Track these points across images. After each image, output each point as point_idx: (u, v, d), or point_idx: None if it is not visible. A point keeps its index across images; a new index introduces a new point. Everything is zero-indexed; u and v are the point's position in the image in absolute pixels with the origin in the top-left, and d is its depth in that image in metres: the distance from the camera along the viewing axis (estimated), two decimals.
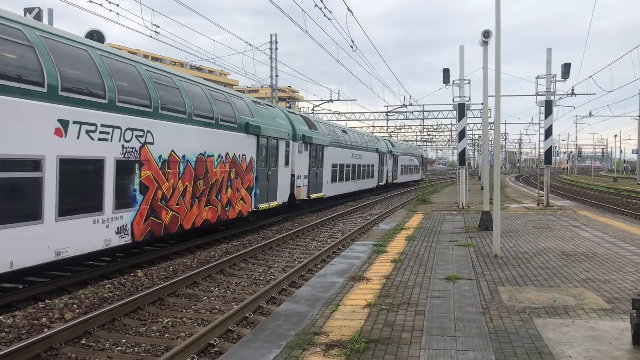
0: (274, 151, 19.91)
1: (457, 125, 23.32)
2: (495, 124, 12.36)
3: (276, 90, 37.93)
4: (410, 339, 5.86)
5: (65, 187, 9.74)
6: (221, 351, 6.88)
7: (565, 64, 22.16)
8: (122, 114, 11.29)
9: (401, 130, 77.40)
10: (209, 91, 15.57)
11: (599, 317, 6.62)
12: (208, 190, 15.05)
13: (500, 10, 11.27)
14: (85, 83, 10.36)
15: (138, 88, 11.99)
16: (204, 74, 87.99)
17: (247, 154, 17.48)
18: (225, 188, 16.12)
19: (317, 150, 25.70)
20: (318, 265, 12.78)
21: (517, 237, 13.81)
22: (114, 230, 11.21)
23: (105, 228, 10.94)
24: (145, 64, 13.24)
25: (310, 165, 24.61)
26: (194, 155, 14.18)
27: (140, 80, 12.10)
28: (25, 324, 7.78)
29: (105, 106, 10.79)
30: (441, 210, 22.57)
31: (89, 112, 10.31)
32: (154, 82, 12.66)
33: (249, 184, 17.79)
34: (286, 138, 21.00)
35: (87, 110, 10.26)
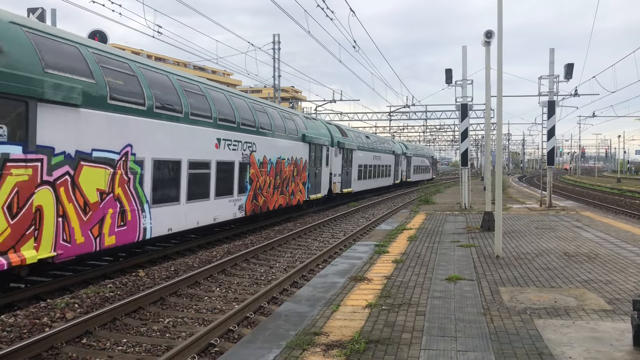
0: (319, 155, 25.43)
1: (459, 125, 23.30)
2: (497, 125, 12.34)
3: (279, 90, 37.95)
4: (411, 340, 5.86)
5: (218, 179, 15.36)
6: (221, 351, 6.89)
7: (568, 65, 22.13)
8: (242, 132, 16.99)
9: (404, 131, 77.31)
10: (282, 112, 21.76)
11: (600, 318, 6.61)
12: (281, 183, 20.73)
13: (502, 10, 11.26)
14: (227, 115, 16.01)
15: (249, 115, 17.79)
16: (207, 74, 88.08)
17: (303, 157, 23.21)
18: (291, 182, 21.76)
19: (348, 153, 30.98)
20: (319, 265, 12.78)
21: (519, 237, 13.78)
22: (238, 207, 16.87)
23: (233, 205, 16.57)
24: (251, 98, 19.43)
25: (342, 166, 29.89)
26: (275, 159, 19.92)
27: (249, 110, 17.98)
28: (26, 323, 7.80)
29: (235, 129, 16.44)
30: (443, 210, 22.55)
31: (228, 132, 15.93)
32: (256, 110, 18.60)
33: (304, 180, 23.44)
34: (327, 144, 26.47)
35: (227, 132, 15.88)
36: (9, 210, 8.40)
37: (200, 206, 14.34)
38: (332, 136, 27.92)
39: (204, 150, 14.48)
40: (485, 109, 17.07)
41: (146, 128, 11.92)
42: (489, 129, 17.49)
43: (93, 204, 10.36)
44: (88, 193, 10.24)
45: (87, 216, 10.20)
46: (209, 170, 14.78)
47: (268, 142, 19.16)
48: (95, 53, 10.93)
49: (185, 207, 13.60)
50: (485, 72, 14.77)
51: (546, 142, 22.70)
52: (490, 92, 14.74)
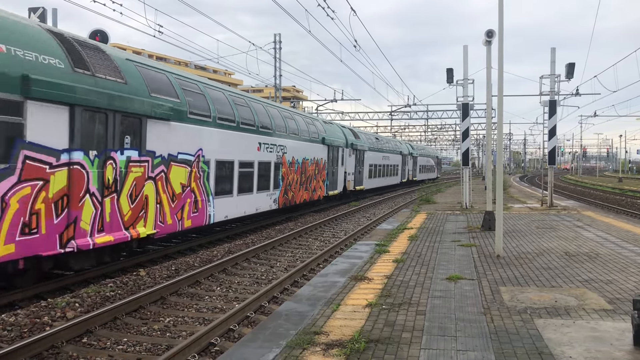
0: (336, 155, 28.35)
1: (461, 125, 23.28)
2: (498, 124, 12.33)
3: (280, 90, 37.95)
4: (411, 339, 5.86)
5: (259, 176, 18.29)
6: (222, 350, 6.90)
7: (569, 64, 22.09)
8: (276, 137, 19.99)
9: (405, 130, 77.21)
10: (305, 119, 24.99)
11: (600, 317, 6.60)
12: (306, 181, 23.68)
13: (503, 10, 11.25)
14: (265, 123, 18.97)
15: (281, 122, 20.83)
16: (209, 74, 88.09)
17: (323, 158, 26.24)
18: (313, 180, 24.78)
19: (360, 154, 33.72)
20: (320, 264, 12.78)
21: (520, 237, 13.77)
22: (272, 200, 19.86)
23: (270, 199, 19.53)
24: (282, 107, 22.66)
25: (355, 165, 32.62)
26: (301, 159, 22.86)
27: (281, 118, 21.00)
28: (27, 323, 7.81)
29: (271, 134, 19.48)
30: (444, 210, 22.54)
31: (266, 137, 18.98)
32: (286, 118, 21.67)
33: (323, 178, 26.44)
34: (342, 146, 29.37)
35: (266, 137, 18.91)
36: (130, 198, 11.45)
37: (246, 198, 17.50)
38: (346, 138, 30.67)
39: (249, 153, 17.59)
40: (486, 108, 17.05)
41: (211, 135, 14.85)
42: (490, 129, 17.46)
43: (178, 194, 13.31)
44: (175, 186, 13.19)
45: (174, 204, 13.17)
46: (252, 169, 17.87)
47: (296, 145, 22.22)
48: (177, 78, 13.91)
49: (236, 198, 16.74)
50: (486, 72, 14.77)
51: (547, 141, 22.68)
52: (491, 92, 14.73)
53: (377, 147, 38.97)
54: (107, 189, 10.75)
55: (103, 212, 10.62)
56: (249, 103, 18.16)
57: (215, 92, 15.80)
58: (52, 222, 9.44)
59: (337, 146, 28.44)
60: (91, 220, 10.33)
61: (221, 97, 15.99)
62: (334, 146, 27.72)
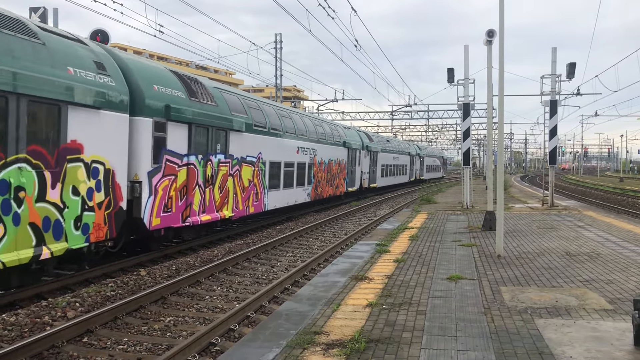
0: (354, 156, 32.15)
1: (461, 125, 23.27)
2: (499, 124, 12.32)
3: (281, 89, 37.95)
4: (411, 339, 5.85)
5: (297, 174, 22.06)
6: (222, 350, 6.89)
7: (570, 64, 22.06)
8: (310, 142, 23.86)
9: (406, 130, 77.18)
10: (330, 125, 29.17)
11: (601, 317, 6.60)
12: (331, 178, 27.64)
13: (503, 10, 11.24)
14: (301, 130, 22.89)
15: (313, 129, 24.77)
16: (210, 74, 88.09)
17: (344, 159, 30.08)
18: (336, 178, 28.69)
19: (374, 155, 37.46)
20: (321, 264, 12.78)
21: (521, 237, 13.76)
22: (307, 194, 23.77)
23: (305, 193, 23.44)
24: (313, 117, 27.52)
25: (370, 165, 36.52)
26: (327, 160, 26.74)
27: (312, 125, 25.05)
28: (27, 322, 7.82)
29: (306, 139, 23.31)
30: (445, 210, 22.53)
31: (303, 142, 22.76)
32: (316, 125, 25.79)
33: (344, 176, 30.39)
34: (359, 148, 33.22)
35: (302, 142, 22.69)
36: (219, 189, 15.36)
37: (289, 192, 21.40)
38: (362, 141, 34.54)
39: (291, 155, 21.39)
40: (487, 108, 17.01)
41: (266, 142, 18.74)
42: (491, 129, 17.41)
43: (246, 187, 17.22)
44: (244, 181, 17.08)
45: (243, 194, 17.06)
46: (293, 169, 21.64)
47: (323, 148, 26.07)
48: (244, 98, 17.98)
49: (282, 192, 20.65)
50: (487, 72, 14.76)
51: (548, 141, 22.66)
52: (492, 92, 14.73)
53: (388, 149, 42.62)
54: (207, 182, 14.61)
55: (205, 199, 14.52)
56: (290, 114, 22.29)
57: (268, 107, 20.01)
58: (178, 204, 13.27)
59: (355, 148, 32.17)
60: (199, 204, 14.19)
61: (272, 111, 20.16)
62: (352, 148, 31.44)
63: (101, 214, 10.67)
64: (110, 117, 10.81)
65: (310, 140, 23.78)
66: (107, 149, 10.80)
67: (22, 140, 8.75)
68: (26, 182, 8.84)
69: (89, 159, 10.29)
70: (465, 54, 21.41)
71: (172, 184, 12.91)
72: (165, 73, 13.45)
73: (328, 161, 26.83)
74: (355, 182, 32.64)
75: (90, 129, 10.30)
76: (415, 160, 56.56)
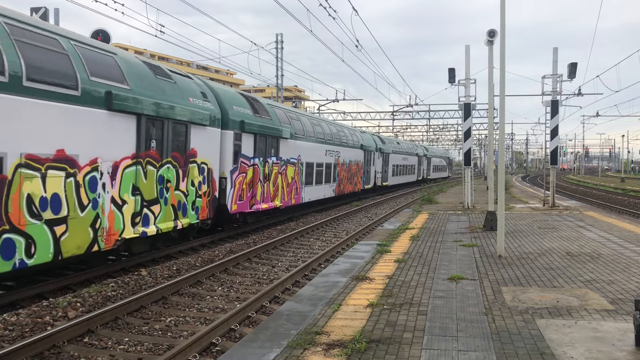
0: (369, 158, 36.11)
1: (462, 125, 23.25)
2: (500, 124, 12.31)
3: (282, 89, 37.95)
4: (412, 339, 5.85)
5: (325, 173, 25.74)
6: (223, 350, 6.89)
7: (571, 64, 22.03)
8: (334, 145, 27.64)
9: (407, 130, 77.14)
10: (349, 130, 33.19)
11: (602, 318, 6.59)
12: (350, 177, 31.43)
13: (505, 10, 11.23)
14: (327, 135, 26.59)
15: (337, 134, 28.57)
16: (211, 74, 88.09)
17: (360, 160, 33.84)
18: (354, 176, 32.41)
19: (385, 156, 41.35)
20: (322, 264, 12.78)
21: (522, 237, 13.75)
22: (332, 190, 27.49)
23: (330, 189, 27.25)
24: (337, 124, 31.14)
25: (382, 165, 40.36)
26: (347, 161, 30.53)
27: (336, 131, 28.97)
28: (28, 322, 7.82)
29: (332, 143, 27.01)
30: (446, 210, 22.51)
31: (329, 146, 26.40)
32: (339, 131, 29.53)
33: (361, 175, 34.19)
34: (373, 150, 37.11)
35: (329, 146, 26.27)
36: (273, 184, 19.39)
37: (319, 187, 25.47)
38: (375, 144, 38.27)
39: (320, 157, 25.41)
40: (488, 108, 16.99)
41: (303, 146, 22.83)
42: (492, 129, 17.38)
43: (289, 183, 21.21)
44: (289, 178, 21.14)
45: (288, 189, 21.09)
46: (322, 168, 25.64)
47: (345, 150, 29.87)
48: (287, 111, 22.03)
49: (314, 187, 24.65)
50: (488, 72, 14.75)
51: (549, 141, 22.63)
52: (493, 92, 14.72)
53: (398, 150, 46.45)
54: (265, 178, 18.67)
55: (264, 191, 18.63)
56: (319, 122, 26.53)
57: (304, 117, 24.16)
58: (247, 195, 17.31)
59: (370, 150, 36.12)
60: (260, 195, 18.36)
61: (307, 120, 24.14)
62: (368, 150, 35.46)
63: (205, 200, 14.80)
64: (211, 131, 14.93)
65: (334, 144, 27.71)
66: (209, 153, 14.91)
67: (169, 149, 12.88)
68: (170, 176, 13.01)
69: (199, 161, 14.37)
70: (466, 54, 21.39)
71: (244, 180, 17.10)
72: (238, 96, 17.66)
73: (348, 162, 30.81)
74: (370, 181, 36.69)
75: (201, 140, 14.32)
76: (423, 160, 60.00)
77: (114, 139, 10.94)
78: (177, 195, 13.21)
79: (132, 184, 11.57)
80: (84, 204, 10.13)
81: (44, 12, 16.38)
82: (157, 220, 12.45)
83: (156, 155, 12.35)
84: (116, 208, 11.09)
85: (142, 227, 11.93)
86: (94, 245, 10.43)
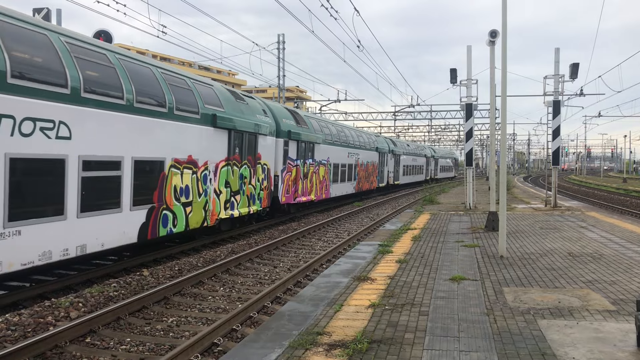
0: (383, 159, 40.17)
1: (464, 125, 23.25)
2: (502, 124, 12.30)
3: (283, 90, 37.97)
4: (413, 340, 5.85)
5: (348, 172, 30.51)
6: (224, 350, 6.90)
7: (573, 64, 22.01)
8: (355, 149, 31.96)
9: (409, 131, 77.13)
10: (367, 134, 37.29)
11: (603, 318, 6.58)
12: (367, 176, 35.42)
13: (506, 10, 11.23)
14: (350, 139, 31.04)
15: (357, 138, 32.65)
16: (212, 74, 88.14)
17: (376, 161, 37.86)
18: (371, 175, 36.46)
19: (397, 157, 45.88)
20: (323, 265, 12.78)
21: (524, 237, 13.74)
22: (353, 187, 31.85)
23: (352, 186, 31.78)
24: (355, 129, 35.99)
25: (394, 166, 44.67)
26: (365, 162, 34.58)
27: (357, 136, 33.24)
28: (31, 322, 7.83)
29: (353, 147, 31.40)
30: (448, 210, 22.51)
31: (351, 149, 30.84)
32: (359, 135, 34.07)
33: (376, 174, 38.34)
34: (386, 152, 41.10)
35: (351, 149, 30.79)
36: (309, 181, 23.55)
37: (343, 185, 29.90)
38: (388, 146, 42.44)
39: (344, 158, 29.67)
40: (490, 108, 16.98)
41: (331, 150, 26.91)
42: (494, 129, 17.40)
43: (321, 181, 25.33)
44: (321, 176, 25.28)
45: (320, 185, 25.13)
46: (345, 168, 29.88)
47: (363, 152, 33.98)
48: (319, 120, 26.62)
49: (339, 184, 29.06)
50: (489, 72, 14.75)
51: (551, 142, 22.61)
52: (495, 92, 14.71)
53: (408, 152, 50.98)
54: (304, 176, 22.84)
55: (303, 187, 22.78)
56: (342, 129, 30.81)
57: (331, 125, 28.77)
58: (292, 189, 21.46)
59: (384, 152, 40.24)
60: (300, 190, 22.50)
61: (333, 128, 28.70)
62: (382, 152, 39.50)
63: (265, 193, 19.15)
64: (269, 140, 19.30)
65: (354, 147, 31.87)
66: (268, 157, 19.22)
67: (246, 153, 17.16)
68: (246, 174, 17.37)
69: (263, 163, 18.66)
70: (468, 54, 21.39)
71: (290, 177, 21.30)
72: (285, 110, 22.13)
73: (366, 163, 34.94)
74: (384, 179, 40.99)
75: (264, 146, 18.65)
76: (431, 161, 64.62)
77: (215, 147, 15.21)
78: (250, 188, 17.72)
79: (225, 179, 15.89)
80: (200, 193, 14.44)
81: (46, 13, 16.40)
82: (239, 206, 16.98)
83: (238, 159, 16.71)
84: (216, 196, 15.38)
85: (230, 210, 16.34)
86: (205, 222, 14.70)
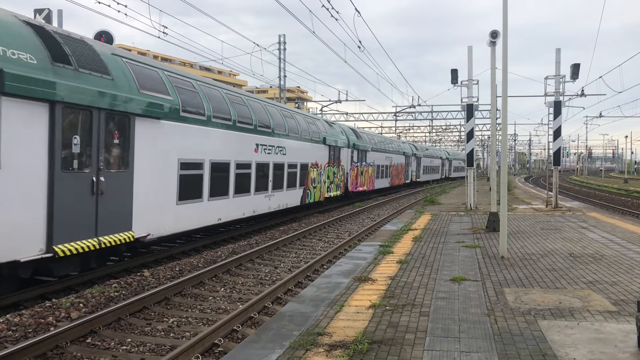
0: (408, 161, 48.83)
1: (465, 125, 23.24)
2: (502, 125, 12.30)
3: (284, 90, 37.99)
4: (414, 340, 5.85)
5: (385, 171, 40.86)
6: (225, 351, 6.90)
7: (574, 65, 21.99)
8: (389, 153, 41.24)
9: (410, 131, 77.18)
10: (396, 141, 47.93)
11: (604, 319, 6.58)
12: (397, 174, 44.57)
13: (507, 10, 11.23)
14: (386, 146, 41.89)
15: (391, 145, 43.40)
16: (213, 75, 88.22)
17: (403, 162, 46.32)
18: (400, 174, 45.62)
19: (419, 159, 54.94)
20: (324, 265, 12.78)
21: (525, 238, 13.73)
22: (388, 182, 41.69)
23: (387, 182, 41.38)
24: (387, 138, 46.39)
25: (416, 166, 53.63)
26: (396, 163, 43.93)
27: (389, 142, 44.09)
28: (31, 323, 7.84)
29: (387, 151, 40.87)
30: (449, 211, 22.50)
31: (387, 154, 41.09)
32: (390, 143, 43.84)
33: (403, 173, 46.88)
34: (410, 155, 49.99)
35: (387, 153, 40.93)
36: (363, 177, 33.85)
37: (381, 180, 38.27)
38: (412, 150, 50.94)
39: (382, 161, 38.14)
40: (491, 109, 16.98)
41: (375, 155, 35.94)
42: (495, 129, 17.40)
43: (369, 177, 35.12)
44: (369, 174, 35.10)
45: (369, 180, 35.12)
46: (383, 168, 37.89)
47: (394, 156, 42.27)
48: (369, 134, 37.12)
49: (380, 180, 37.55)
50: (490, 72, 14.74)
51: (552, 142, 22.59)
52: (496, 93, 14.71)
53: (427, 154, 59.98)
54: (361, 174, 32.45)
55: (360, 181, 32.51)
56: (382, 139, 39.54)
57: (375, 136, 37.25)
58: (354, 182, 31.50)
59: (408, 155, 49.13)
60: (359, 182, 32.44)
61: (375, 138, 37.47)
62: (407, 155, 48.39)
63: (342, 184, 28.67)
64: (345, 150, 28.79)
65: (389, 152, 40.48)
66: (344, 160, 28.68)
67: (335, 159, 27.35)
68: (335, 172, 27.50)
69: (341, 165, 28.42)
70: (469, 55, 21.38)
71: (353, 174, 30.58)
72: (350, 130, 31.51)
73: (396, 164, 43.74)
74: (408, 177, 49.80)
75: (342, 154, 28.40)
76: (445, 162, 74.47)
77: (324, 156, 25.22)
78: (337, 180, 27.76)
79: (327, 175, 25.72)
80: (319, 182, 24.57)
81: (48, 14, 16.42)
82: (332, 191, 26.94)
83: (332, 162, 26.74)
84: (324, 184, 25.43)
85: (328, 193, 26.43)
86: (319, 198, 24.84)
